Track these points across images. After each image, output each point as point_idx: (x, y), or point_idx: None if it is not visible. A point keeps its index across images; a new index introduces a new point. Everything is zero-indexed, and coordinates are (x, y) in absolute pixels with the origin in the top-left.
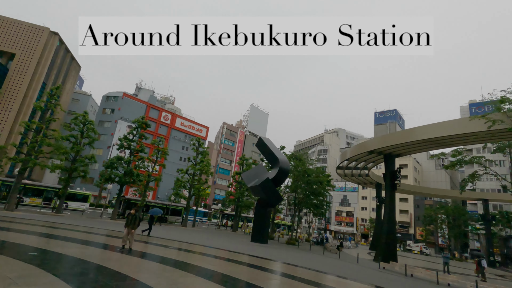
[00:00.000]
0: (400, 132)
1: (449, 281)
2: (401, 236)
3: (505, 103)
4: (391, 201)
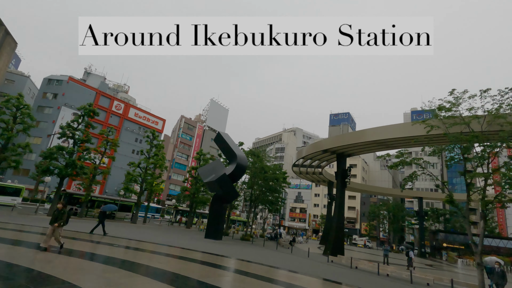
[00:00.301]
0: (352, 133)
1: (388, 272)
2: (348, 231)
3: (442, 110)
4: (341, 198)
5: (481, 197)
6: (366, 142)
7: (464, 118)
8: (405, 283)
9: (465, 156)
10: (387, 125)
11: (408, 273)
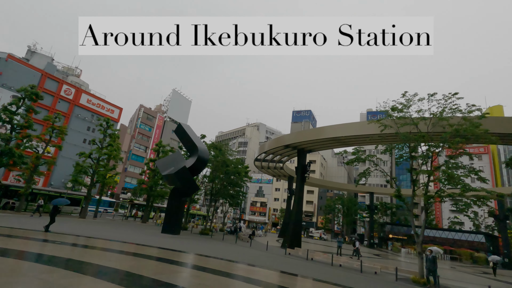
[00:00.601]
0: (313, 130)
1: (341, 262)
2: (306, 224)
3: (394, 111)
4: (300, 192)
5: (424, 192)
6: (325, 138)
7: (413, 119)
8: (356, 272)
9: (412, 154)
10: (345, 123)
11: (359, 263)
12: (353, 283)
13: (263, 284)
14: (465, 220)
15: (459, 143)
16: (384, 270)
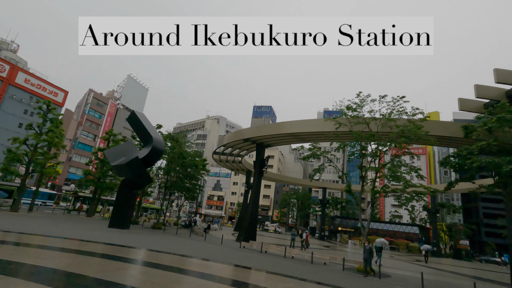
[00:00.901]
0: (272, 125)
1: (293, 254)
2: (262, 217)
3: (349, 110)
4: (257, 186)
5: (372, 187)
6: (284, 134)
7: (365, 119)
8: (307, 263)
9: (363, 152)
10: (302, 120)
11: (310, 255)
12: (304, 274)
13: (216, 278)
14: (404, 213)
15: (404, 143)
16: (332, 261)
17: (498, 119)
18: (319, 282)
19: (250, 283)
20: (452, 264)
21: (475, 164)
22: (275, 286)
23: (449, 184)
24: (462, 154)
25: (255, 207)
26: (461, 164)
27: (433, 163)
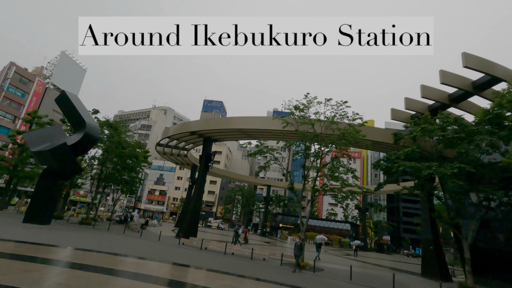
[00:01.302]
0: (221, 119)
1: (233, 251)
2: (205, 214)
3: (297, 110)
4: (202, 181)
5: (312, 186)
6: (233, 129)
7: (311, 120)
8: (247, 259)
9: (307, 152)
10: (252, 116)
11: (250, 251)
12: (243, 270)
13: (147, 278)
14: (339, 212)
15: (344, 145)
16: (272, 257)
17: (421, 129)
18: (257, 278)
19: (185, 282)
20: (376, 257)
21: (401, 168)
22: (212, 284)
23: (378, 185)
24: (391, 159)
25: (198, 203)
26: (390, 167)
27: (366, 166)
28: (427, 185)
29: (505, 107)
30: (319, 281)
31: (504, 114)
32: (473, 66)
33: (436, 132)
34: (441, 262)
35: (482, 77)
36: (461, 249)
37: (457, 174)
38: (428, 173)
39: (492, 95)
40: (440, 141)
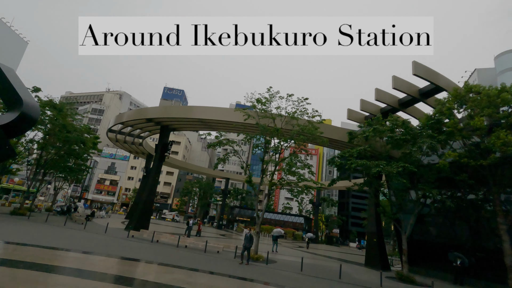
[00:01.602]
0: (180, 107)
1: (187, 244)
2: (160, 205)
3: (259, 103)
4: (157, 172)
5: (270, 179)
6: (193, 119)
7: (272, 114)
8: (200, 252)
9: (266, 146)
10: (213, 107)
11: (204, 243)
12: (195, 264)
13: (88, 274)
14: (294, 205)
15: (302, 141)
16: (226, 249)
17: (373, 129)
18: (210, 271)
19: (132, 277)
20: (326, 249)
21: (353, 165)
22: (161, 278)
23: (332, 180)
24: (345, 156)
25: (152, 194)
26: (343, 164)
27: (322, 163)
28: (374, 182)
29: (445, 113)
30: (271, 273)
31: (443, 120)
32: (421, 74)
33: (386, 133)
34: (382, 253)
35: (427, 85)
36: (400, 241)
37: (401, 172)
38: (377, 170)
39: (434, 102)
40: (388, 142)
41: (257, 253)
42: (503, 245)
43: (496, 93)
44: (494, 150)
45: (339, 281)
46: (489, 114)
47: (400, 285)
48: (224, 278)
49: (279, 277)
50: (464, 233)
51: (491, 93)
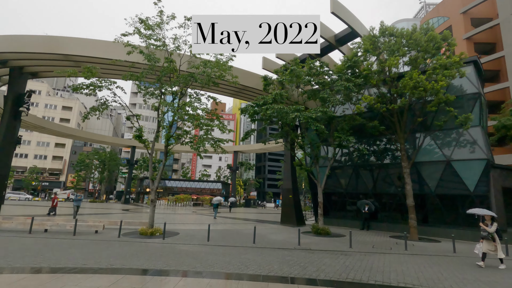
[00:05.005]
0: (39, 38)
1: (47, 227)
2: (49, 184)
3: (145, 25)
4: (10, 134)
5: (167, 133)
6: (57, 55)
7: (164, 43)
8: (66, 235)
9: (162, 91)
10: (85, 38)
11: (73, 224)
12: (44, 253)
13: None
14: (212, 172)
15: (209, 83)
16: (112, 226)
17: (291, 71)
18: (53, 268)
19: None
20: (244, 212)
21: (268, 111)
22: None
23: (246, 133)
24: (259, 104)
25: (5, 167)
26: (257, 112)
27: (239, 127)
28: (291, 133)
29: (362, 55)
30: (162, 250)
31: (359, 64)
32: (338, 14)
33: (303, 77)
34: (297, 209)
35: (344, 30)
36: (314, 195)
37: (320, 118)
38: (296, 115)
39: (351, 45)
40: (304, 92)
41: (152, 227)
42: (405, 187)
43: (409, 33)
44: (405, 94)
45: (252, 247)
46: (403, 54)
47: (316, 240)
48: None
49: (171, 255)
50: (369, 181)
51: (405, 33)
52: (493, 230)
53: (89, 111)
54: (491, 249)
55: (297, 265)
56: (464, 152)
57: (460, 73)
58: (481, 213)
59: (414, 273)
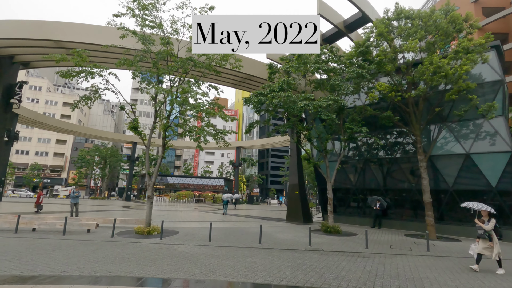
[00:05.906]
0: (25, 22)
1: (35, 225)
2: (51, 181)
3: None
4: (4, 125)
5: (165, 123)
6: (45, 40)
7: (160, 25)
8: (55, 235)
9: (159, 79)
10: (74, 23)
11: (62, 222)
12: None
13: None
14: (214, 168)
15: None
16: (106, 225)
17: (298, 56)
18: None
19: None
20: (247, 208)
21: (274, 99)
22: None
23: (250, 125)
24: (264, 93)
25: None
26: (262, 101)
27: (241, 124)
28: (298, 125)
29: (376, 39)
30: (156, 252)
31: (373, 46)
32: None
33: (312, 64)
34: (304, 206)
35: (354, 15)
36: (322, 191)
37: (330, 107)
38: (304, 104)
39: (362, 30)
40: (312, 82)
41: (149, 225)
42: (422, 182)
43: (428, 15)
44: (420, 82)
45: (258, 247)
46: (421, 38)
47: (327, 239)
48: None
49: (168, 259)
50: (380, 176)
51: (423, 14)
52: (490, 227)
53: (79, 99)
54: (486, 250)
55: (312, 271)
56: (485, 144)
57: (483, 58)
58: (477, 208)
59: (450, 282)
